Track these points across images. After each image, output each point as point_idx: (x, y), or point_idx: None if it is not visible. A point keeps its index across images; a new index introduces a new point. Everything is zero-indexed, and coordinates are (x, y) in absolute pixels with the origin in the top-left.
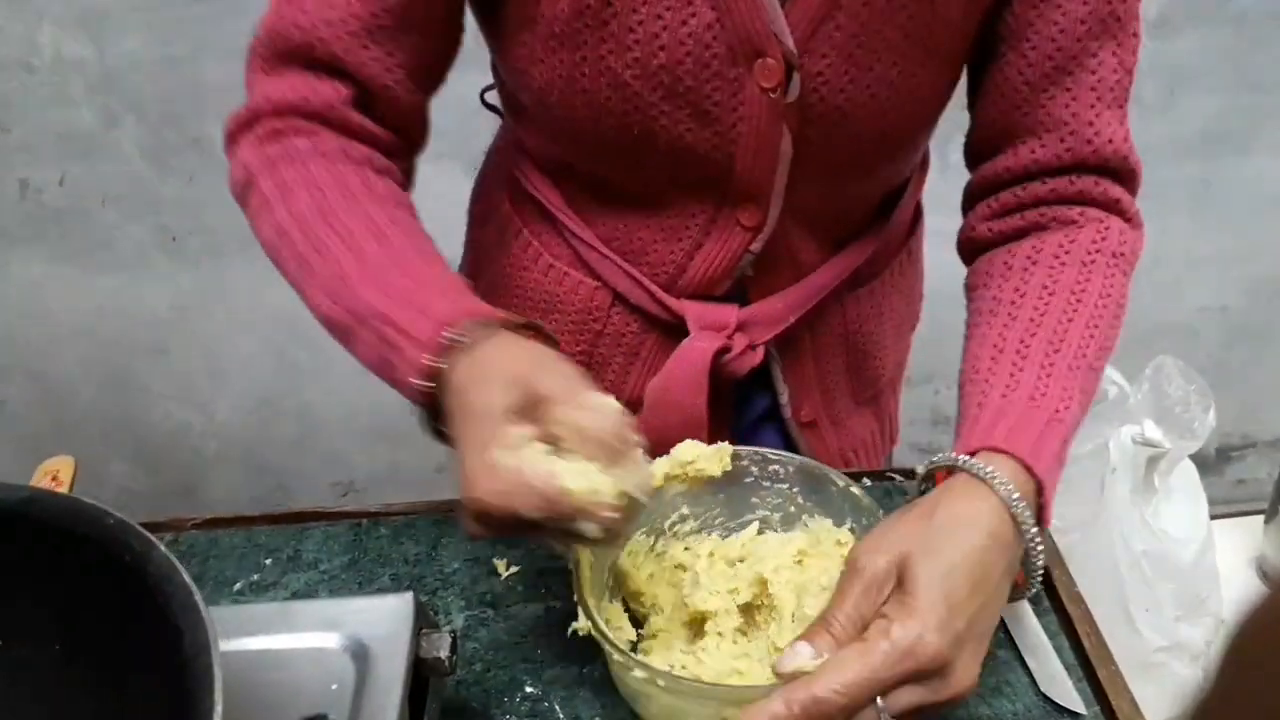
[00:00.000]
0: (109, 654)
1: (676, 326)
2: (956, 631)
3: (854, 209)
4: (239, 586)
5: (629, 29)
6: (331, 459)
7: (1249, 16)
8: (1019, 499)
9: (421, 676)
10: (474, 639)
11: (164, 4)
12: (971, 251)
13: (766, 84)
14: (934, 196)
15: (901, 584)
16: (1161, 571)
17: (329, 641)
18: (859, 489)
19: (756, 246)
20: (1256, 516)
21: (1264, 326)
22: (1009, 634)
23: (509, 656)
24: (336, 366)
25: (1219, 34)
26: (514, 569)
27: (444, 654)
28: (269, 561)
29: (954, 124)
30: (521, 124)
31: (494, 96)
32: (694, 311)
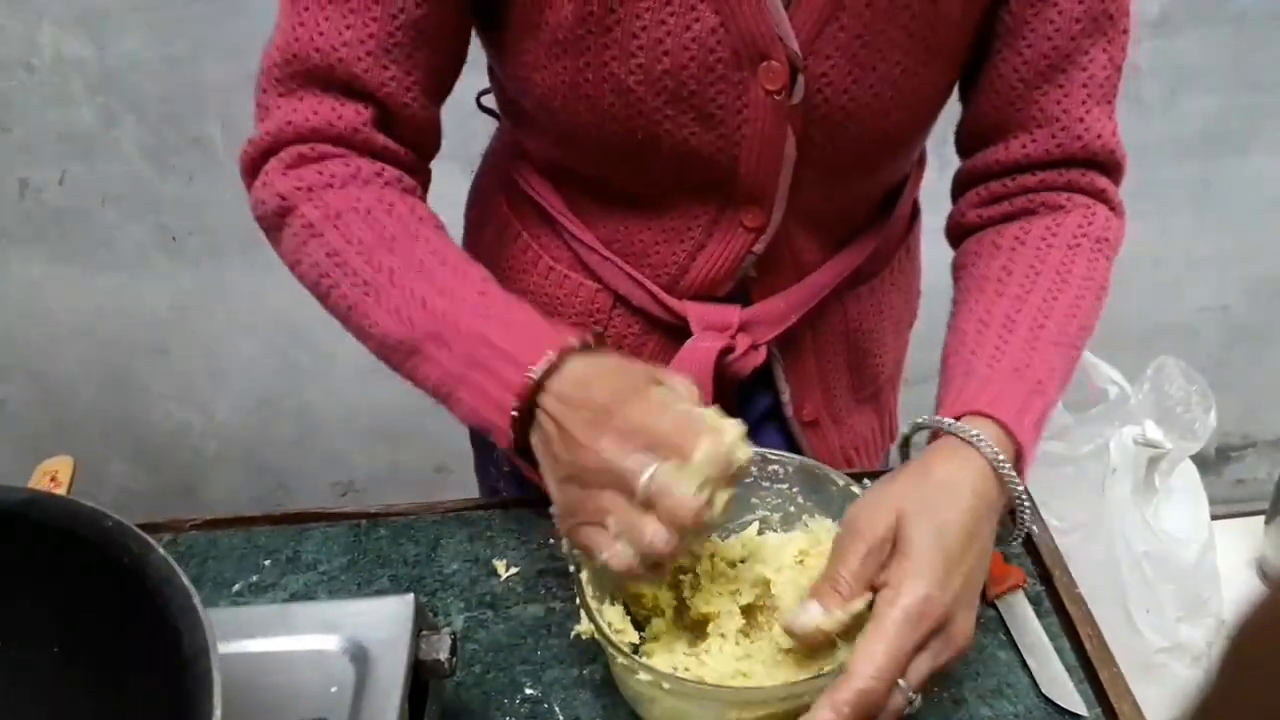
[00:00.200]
0: (109, 655)
1: (678, 328)
2: (955, 587)
3: (856, 207)
4: (238, 588)
5: (632, 35)
6: (331, 459)
7: (1249, 16)
8: (1004, 460)
9: (421, 678)
10: (474, 640)
11: (164, 4)
12: (959, 237)
13: (771, 87)
14: (932, 195)
15: (898, 544)
16: (1162, 572)
17: (328, 644)
18: (859, 489)
19: (759, 247)
20: (1257, 517)
21: (1264, 326)
22: (1010, 635)
23: (509, 658)
24: (337, 366)
25: (1219, 34)
26: (514, 570)
27: (444, 656)
28: (268, 563)
29: (952, 123)
30: (521, 128)
31: (490, 100)
32: (696, 312)
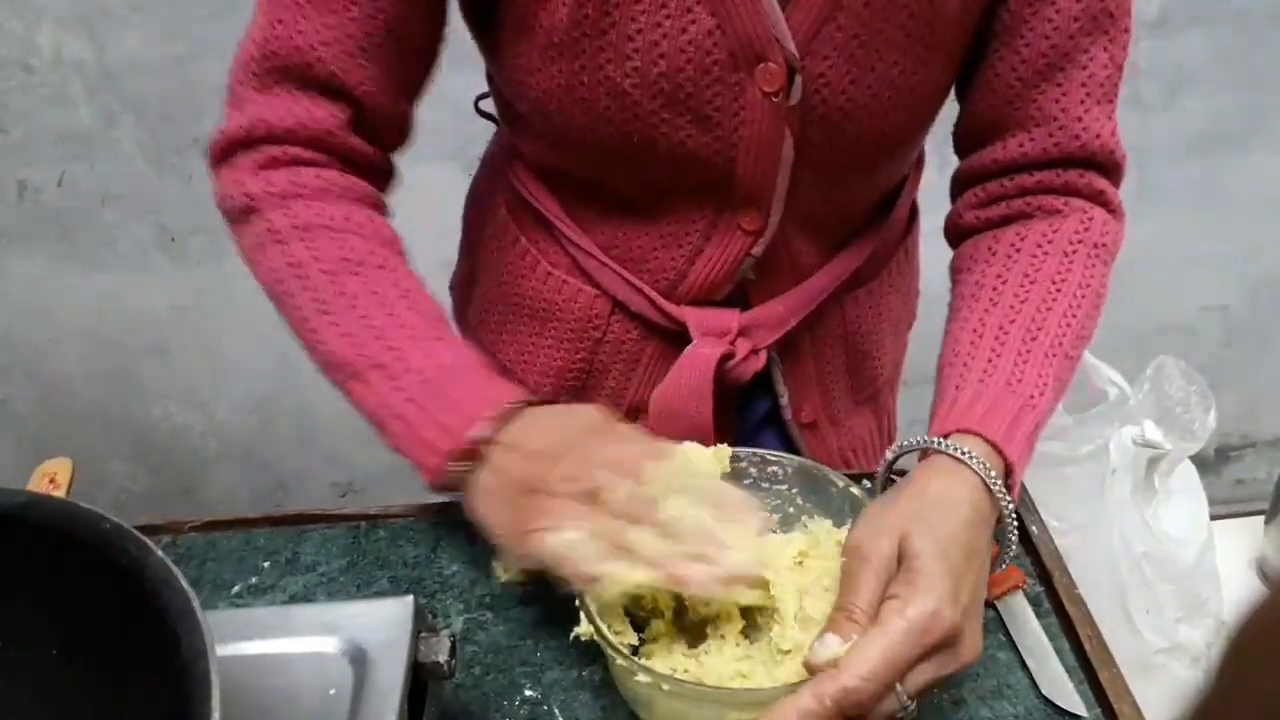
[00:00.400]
0: (108, 656)
1: (677, 333)
2: (963, 602)
3: (854, 209)
4: (237, 589)
5: (628, 38)
6: (331, 459)
7: (1249, 16)
8: (995, 476)
9: (420, 680)
10: (473, 642)
11: (164, 4)
12: (957, 238)
13: (768, 88)
14: (931, 196)
15: (904, 562)
16: (1162, 573)
17: (327, 646)
18: (859, 490)
19: (758, 250)
20: (1257, 517)
21: (1264, 326)
22: (1009, 636)
23: (508, 660)
24: None
25: (1219, 34)
26: (513, 571)
27: (443, 658)
28: (267, 564)
29: (951, 123)
30: (518, 132)
31: (488, 104)
32: (695, 318)
